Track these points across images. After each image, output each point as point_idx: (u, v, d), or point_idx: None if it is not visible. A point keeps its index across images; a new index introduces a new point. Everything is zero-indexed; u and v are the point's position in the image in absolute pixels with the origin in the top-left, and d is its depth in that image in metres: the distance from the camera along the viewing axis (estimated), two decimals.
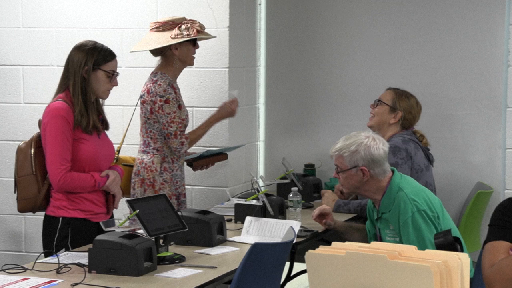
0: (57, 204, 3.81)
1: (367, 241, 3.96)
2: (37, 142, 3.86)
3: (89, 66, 3.78)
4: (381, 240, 3.69)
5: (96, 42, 3.88)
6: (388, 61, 5.22)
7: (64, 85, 3.81)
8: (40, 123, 3.90)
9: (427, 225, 3.47)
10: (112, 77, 3.83)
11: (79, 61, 3.78)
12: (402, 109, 4.53)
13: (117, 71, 3.89)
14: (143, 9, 5.08)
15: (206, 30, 4.92)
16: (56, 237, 3.79)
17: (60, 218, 3.80)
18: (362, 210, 4.38)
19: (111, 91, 3.91)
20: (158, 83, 4.32)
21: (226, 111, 4.56)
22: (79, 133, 3.78)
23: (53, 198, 3.83)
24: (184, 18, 4.43)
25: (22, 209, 3.92)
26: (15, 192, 3.92)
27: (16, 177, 3.89)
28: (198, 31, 4.38)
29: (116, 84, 3.92)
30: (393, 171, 3.68)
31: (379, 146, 3.63)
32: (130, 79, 4.99)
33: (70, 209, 3.80)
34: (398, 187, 3.61)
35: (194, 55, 4.43)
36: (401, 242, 3.51)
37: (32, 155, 3.84)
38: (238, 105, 4.59)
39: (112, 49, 3.92)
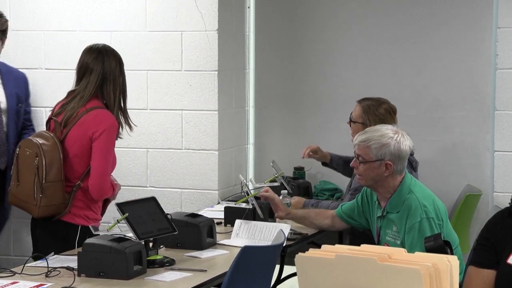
0: (78, 213, 3.81)
1: (334, 224, 4.00)
2: (62, 146, 3.78)
3: (123, 71, 3.85)
4: (379, 238, 3.68)
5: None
6: (377, 63, 5.24)
7: (96, 91, 3.78)
8: (56, 123, 3.82)
9: (432, 233, 3.45)
10: None
11: (116, 67, 3.81)
12: (374, 122, 4.48)
13: None
14: (132, 12, 5.07)
15: (195, 33, 4.94)
16: (76, 245, 3.75)
17: (79, 227, 3.79)
18: None
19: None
20: None
21: None
22: None
23: (74, 205, 3.80)
24: None
25: (42, 215, 3.79)
26: (41, 195, 3.74)
27: (43, 182, 3.74)
28: None
29: None
30: (405, 172, 3.66)
31: (407, 143, 3.60)
32: None
33: (90, 218, 3.81)
34: (409, 189, 3.58)
35: None
36: (402, 244, 3.50)
37: (61, 161, 3.75)
38: None
39: None
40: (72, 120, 3.78)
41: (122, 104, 3.85)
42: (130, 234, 3.43)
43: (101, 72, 3.78)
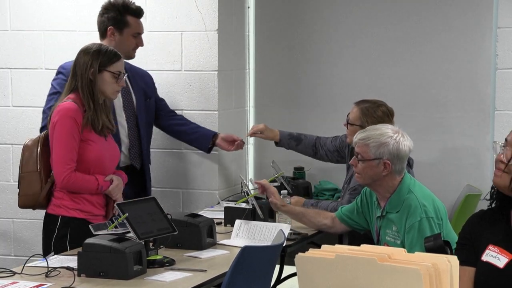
0: (58, 203, 3.85)
1: (334, 225, 4.00)
2: (44, 141, 3.90)
3: (95, 68, 3.82)
4: (379, 238, 3.68)
5: (101, 45, 3.95)
6: (377, 63, 5.23)
7: (71, 87, 3.86)
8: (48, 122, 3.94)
9: (432, 232, 3.46)
10: (118, 77, 3.88)
11: (85, 64, 3.83)
12: (372, 125, 4.44)
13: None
14: None
15: (195, 33, 4.94)
16: (55, 236, 3.81)
17: (59, 217, 3.83)
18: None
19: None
20: None
21: None
22: (87, 134, 3.82)
23: (55, 196, 3.86)
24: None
25: (22, 205, 3.97)
26: (18, 188, 3.97)
27: (20, 173, 3.94)
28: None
29: (123, 85, 3.97)
30: (404, 172, 3.66)
31: (406, 143, 3.60)
32: None
33: (70, 208, 3.83)
34: (409, 188, 3.59)
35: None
36: (402, 244, 3.50)
37: (38, 153, 3.89)
38: None
39: None
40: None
41: (99, 101, 3.85)
42: (130, 234, 3.43)
43: (73, 70, 3.87)
